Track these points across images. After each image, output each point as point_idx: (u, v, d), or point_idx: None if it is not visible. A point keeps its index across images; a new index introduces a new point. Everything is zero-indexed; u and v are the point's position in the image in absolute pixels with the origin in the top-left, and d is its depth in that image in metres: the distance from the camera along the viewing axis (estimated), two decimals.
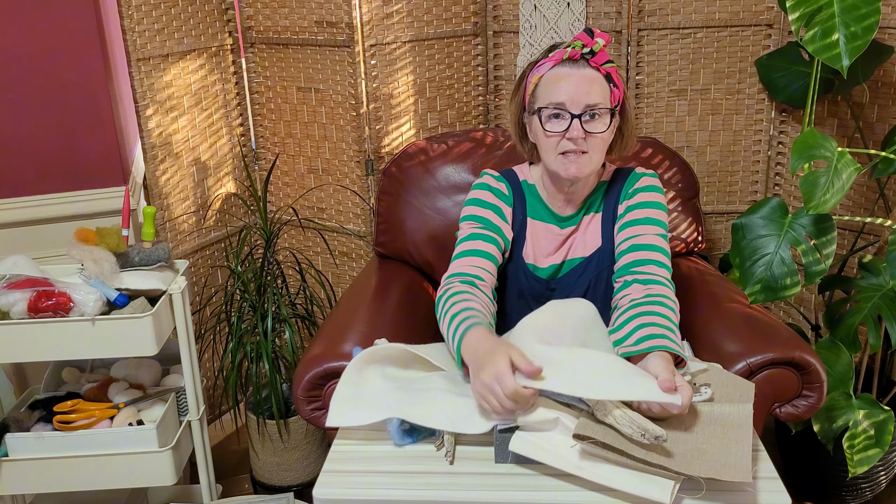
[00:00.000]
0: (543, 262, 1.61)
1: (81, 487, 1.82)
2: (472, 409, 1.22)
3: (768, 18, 2.19)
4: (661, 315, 1.35)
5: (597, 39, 1.45)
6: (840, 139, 2.16)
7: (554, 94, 1.45)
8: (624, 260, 1.52)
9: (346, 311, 1.76)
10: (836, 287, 2.08)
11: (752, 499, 1.08)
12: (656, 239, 1.52)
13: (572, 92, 1.44)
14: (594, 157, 1.48)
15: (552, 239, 1.60)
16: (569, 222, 1.60)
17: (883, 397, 2.06)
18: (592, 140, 1.46)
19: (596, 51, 1.46)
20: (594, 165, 1.50)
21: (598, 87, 1.45)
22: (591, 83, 1.45)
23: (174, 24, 2.18)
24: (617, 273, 1.53)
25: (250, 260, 2.33)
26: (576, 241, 1.60)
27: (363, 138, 2.27)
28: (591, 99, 1.44)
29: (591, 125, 1.45)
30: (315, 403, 1.58)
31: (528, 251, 1.61)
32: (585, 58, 1.46)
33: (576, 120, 1.44)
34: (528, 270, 1.60)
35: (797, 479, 2.19)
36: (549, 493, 1.12)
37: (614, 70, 1.49)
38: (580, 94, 1.44)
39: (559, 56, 1.47)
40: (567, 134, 1.45)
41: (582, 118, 1.44)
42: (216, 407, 2.53)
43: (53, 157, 2.08)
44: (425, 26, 2.28)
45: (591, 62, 1.46)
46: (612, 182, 1.61)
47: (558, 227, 1.60)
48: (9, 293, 1.66)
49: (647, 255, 1.49)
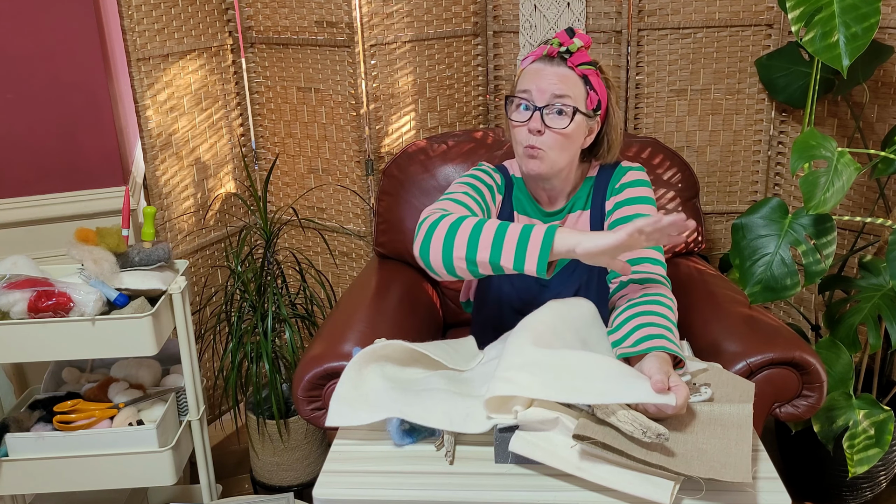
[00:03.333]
0: None
1: (81, 487, 1.82)
2: (471, 408, 1.22)
3: (768, 18, 2.19)
4: (659, 314, 1.35)
5: (574, 40, 1.46)
6: (840, 139, 2.16)
7: (524, 84, 1.48)
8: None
9: (346, 311, 1.77)
10: (836, 287, 2.08)
11: (752, 499, 1.08)
12: None
13: (540, 84, 1.46)
14: (551, 154, 1.48)
15: None
16: (554, 217, 1.60)
17: (883, 397, 2.06)
18: (552, 137, 1.46)
19: (573, 51, 1.47)
20: (553, 164, 1.49)
21: (569, 84, 1.46)
22: (561, 79, 1.46)
23: (174, 23, 2.18)
24: (612, 273, 1.52)
25: (250, 260, 2.33)
26: None
27: (363, 138, 2.27)
28: (559, 90, 1.45)
29: (552, 119, 1.46)
30: (315, 403, 1.58)
31: None
32: (563, 56, 1.47)
33: (537, 112, 1.45)
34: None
35: (797, 479, 2.19)
36: (549, 493, 1.12)
37: (593, 73, 1.49)
38: (547, 85, 1.45)
39: (539, 52, 1.50)
40: (528, 125, 1.47)
41: (544, 111, 1.45)
42: (216, 407, 2.53)
43: (53, 157, 2.08)
44: (425, 26, 2.28)
45: (568, 62, 1.47)
46: (598, 178, 1.61)
47: (542, 221, 1.60)
48: (9, 293, 1.66)
49: (641, 253, 1.49)
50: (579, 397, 1.16)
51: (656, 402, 1.14)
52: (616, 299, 1.47)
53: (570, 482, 1.13)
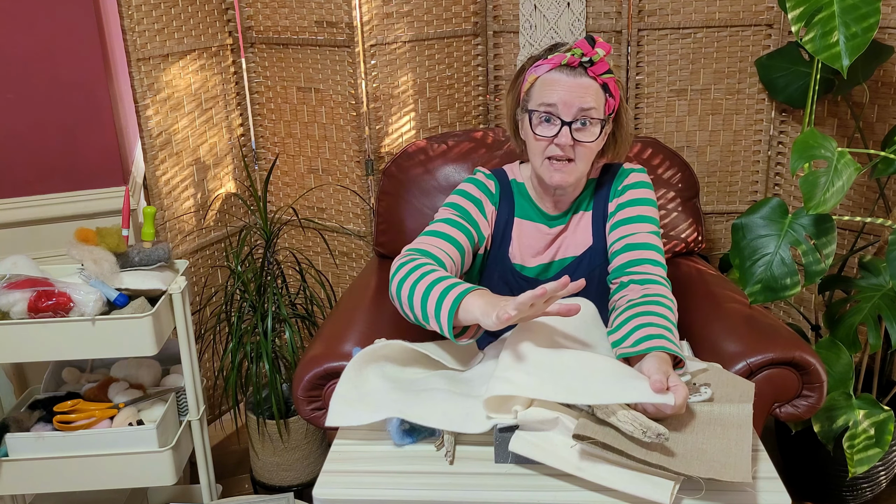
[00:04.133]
0: (531, 262, 1.61)
1: (81, 487, 1.82)
2: (471, 408, 1.22)
3: (768, 18, 2.19)
4: (659, 315, 1.35)
5: (597, 49, 1.44)
6: (840, 139, 2.16)
7: (547, 97, 1.45)
8: (619, 260, 1.52)
9: (346, 311, 1.77)
10: (836, 287, 2.08)
11: (752, 499, 1.08)
12: (650, 237, 1.52)
13: (565, 97, 1.43)
14: (580, 166, 1.48)
15: (540, 238, 1.60)
16: (558, 221, 1.60)
17: (883, 397, 2.06)
18: (580, 148, 1.46)
19: (595, 61, 1.44)
20: (579, 174, 1.50)
21: (592, 95, 1.44)
22: (585, 91, 1.44)
23: (174, 23, 2.18)
24: (612, 274, 1.53)
25: (250, 260, 2.33)
26: (566, 240, 1.60)
27: (363, 138, 2.27)
28: (585, 103, 1.43)
29: (580, 133, 1.45)
30: (315, 403, 1.58)
31: (515, 251, 1.60)
32: (584, 66, 1.45)
33: (566, 127, 1.43)
34: (515, 271, 1.60)
35: (797, 479, 2.19)
36: (549, 493, 1.12)
37: (612, 80, 1.47)
38: (573, 99, 1.43)
39: (558, 60, 1.45)
40: (556, 140, 1.45)
41: (572, 126, 1.44)
42: (216, 407, 2.53)
43: (53, 157, 2.08)
44: (425, 26, 2.28)
45: (590, 71, 1.45)
46: (600, 179, 1.61)
47: (547, 226, 1.60)
48: (9, 293, 1.66)
49: (642, 254, 1.49)
50: (578, 398, 1.16)
51: (655, 402, 1.14)
52: (616, 300, 1.47)
53: (570, 482, 1.13)
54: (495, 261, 1.61)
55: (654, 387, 1.15)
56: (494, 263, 1.61)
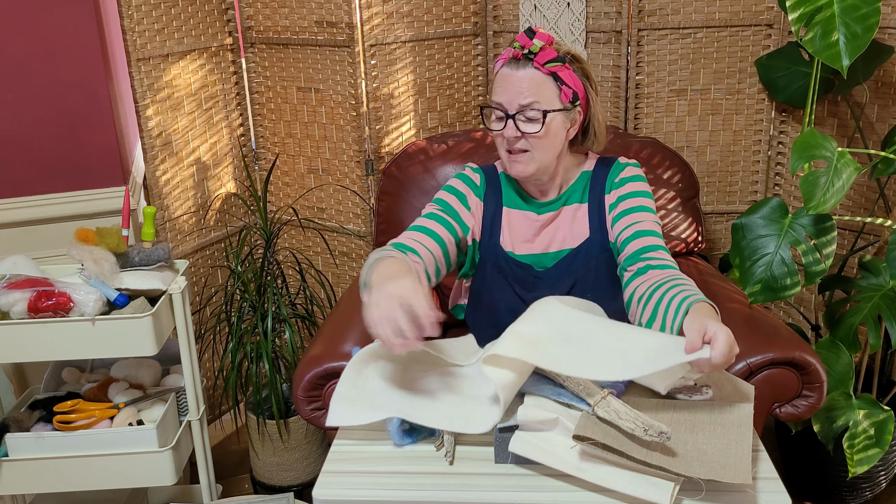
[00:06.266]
0: (522, 249, 1.62)
1: (81, 487, 1.82)
2: (472, 409, 1.22)
3: (768, 18, 2.19)
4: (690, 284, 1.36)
5: (535, 41, 1.46)
6: (840, 139, 2.16)
7: (496, 93, 1.50)
8: (632, 247, 1.51)
9: (346, 311, 1.77)
10: (836, 287, 2.08)
11: (752, 499, 1.08)
12: (655, 226, 1.54)
13: (508, 91, 1.47)
14: (537, 156, 1.50)
15: (529, 225, 1.61)
16: (547, 208, 1.61)
17: (883, 397, 2.06)
18: (532, 139, 1.49)
19: (535, 51, 1.47)
20: (539, 163, 1.52)
21: (535, 87, 1.47)
22: (526, 83, 1.47)
23: (174, 24, 2.18)
24: (626, 261, 1.51)
25: (250, 260, 2.33)
26: (562, 231, 1.61)
27: (363, 138, 2.27)
28: (524, 99, 1.46)
29: (526, 125, 1.48)
30: (315, 403, 1.58)
31: (506, 240, 1.62)
32: (528, 58, 1.48)
33: (510, 120, 1.47)
34: (508, 258, 1.61)
35: (797, 479, 2.20)
36: (549, 493, 1.12)
37: (562, 68, 1.48)
38: (513, 92, 1.47)
39: (506, 55, 1.51)
40: (503, 133, 1.49)
41: (516, 118, 1.47)
42: (216, 407, 2.53)
43: (53, 157, 2.08)
44: (425, 26, 2.28)
45: (534, 62, 1.47)
46: (595, 172, 1.62)
47: (535, 213, 1.61)
48: (9, 293, 1.66)
49: (653, 240, 1.50)
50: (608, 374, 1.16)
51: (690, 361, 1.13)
52: (637, 284, 1.45)
53: (570, 482, 1.13)
54: (487, 250, 1.63)
55: (687, 348, 1.14)
56: (487, 253, 1.63)
